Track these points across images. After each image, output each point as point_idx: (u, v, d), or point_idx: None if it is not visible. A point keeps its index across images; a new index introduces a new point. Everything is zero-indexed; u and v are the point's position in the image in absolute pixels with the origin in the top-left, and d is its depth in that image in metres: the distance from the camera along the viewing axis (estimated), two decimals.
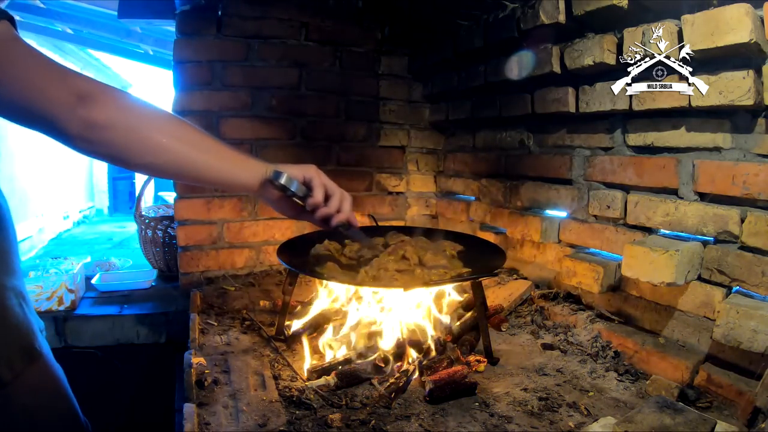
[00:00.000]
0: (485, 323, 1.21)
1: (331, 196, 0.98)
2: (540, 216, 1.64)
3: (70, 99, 0.69)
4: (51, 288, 1.69)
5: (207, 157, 0.84)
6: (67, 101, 0.69)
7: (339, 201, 0.99)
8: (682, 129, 1.17)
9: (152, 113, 0.80)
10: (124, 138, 0.75)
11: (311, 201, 0.95)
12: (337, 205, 0.98)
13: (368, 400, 1.02)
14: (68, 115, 0.69)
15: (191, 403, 0.94)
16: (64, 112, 0.69)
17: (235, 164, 0.89)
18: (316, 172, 0.96)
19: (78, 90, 0.70)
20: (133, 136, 0.76)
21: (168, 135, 0.80)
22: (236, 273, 1.93)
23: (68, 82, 0.71)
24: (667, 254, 1.06)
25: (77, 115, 0.70)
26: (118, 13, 1.87)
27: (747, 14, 0.92)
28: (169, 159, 0.80)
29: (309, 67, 1.97)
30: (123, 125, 0.74)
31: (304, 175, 0.95)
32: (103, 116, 0.71)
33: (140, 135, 0.77)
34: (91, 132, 0.71)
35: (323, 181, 0.97)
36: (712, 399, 1.00)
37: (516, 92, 1.63)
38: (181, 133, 0.81)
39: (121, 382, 1.77)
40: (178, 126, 0.82)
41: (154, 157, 0.79)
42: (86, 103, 0.70)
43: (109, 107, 0.73)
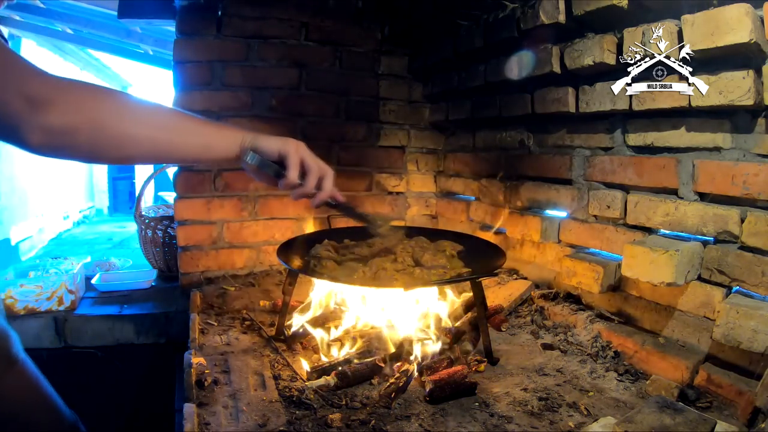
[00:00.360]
0: (485, 323, 1.21)
1: (308, 173, 0.89)
2: (540, 216, 1.64)
3: (23, 106, 0.62)
4: (51, 288, 1.69)
5: (178, 137, 0.80)
6: (20, 109, 0.62)
7: (317, 177, 0.90)
8: (682, 129, 1.17)
9: (115, 104, 0.74)
10: (90, 139, 0.69)
11: (284, 182, 0.88)
12: (314, 182, 0.89)
13: (368, 400, 1.02)
14: (25, 125, 0.63)
15: (191, 403, 0.94)
16: (20, 121, 0.63)
17: (209, 139, 0.84)
18: (294, 147, 0.87)
19: (30, 94, 0.63)
20: (100, 135, 0.70)
21: (136, 125, 0.75)
22: (236, 273, 1.93)
23: (17, 85, 0.63)
24: (667, 254, 1.06)
25: (34, 124, 0.63)
26: (118, 13, 1.87)
27: (747, 14, 0.92)
28: (143, 148, 0.76)
29: (309, 67, 1.97)
30: (86, 126, 0.68)
31: (280, 151, 0.87)
32: (61, 121, 0.65)
33: (107, 132, 0.71)
34: (53, 139, 0.65)
35: (301, 156, 0.88)
36: (712, 399, 1.00)
37: (516, 92, 1.63)
38: (149, 120, 0.77)
39: (121, 382, 1.77)
40: (145, 112, 0.77)
41: (128, 151, 0.75)
42: (41, 109, 0.63)
43: (67, 110, 0.66)
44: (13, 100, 0.62)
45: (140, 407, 1.80)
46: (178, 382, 1.39)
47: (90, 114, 0.69)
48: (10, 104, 0.62)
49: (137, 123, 0.75)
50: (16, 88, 0.63)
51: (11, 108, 0.62)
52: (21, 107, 0.62)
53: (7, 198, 3.33)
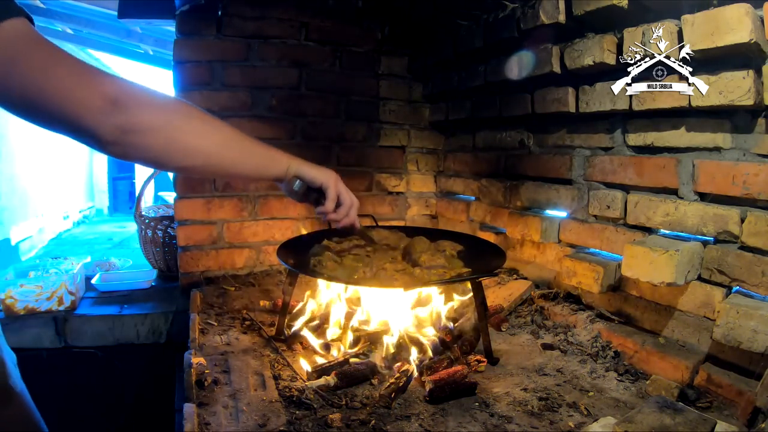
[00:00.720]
0: (485, 323, 1.21)
1: (342, 204, 1.04)
2: (540, 216, 1.64)
3: (103, 105, 0.66)
4: (51, 288, 1.69)
5: (238, 155, 0.87)
6: (100, 107, 0.66)
7: (347, 209, 1.06)
8: (682, 129, 1.17)
9: (186, 113, 0.79)
10: (161, 142, 0.73)
11: (321, 209, 1.03)
12: (345, 213, 1.06)
13: (368, 400, 1.02)
14: (101, 122, 0.66)
15: (191, 403, 0.94)
16: (97, 118, 0.66)
17: (263, 159, 0.92)
18: (334, 182, 1.02)
19: (110, 94, 0.67)
20: (173, 140, 0.75)
21: (207, 137, 0.80)
22: (236, 273, 1.93)
23: (98, 86, 0.67)
24: (667, 254, 1.06)
25: (111, 122, 0.67)
26: (118, 13, 1.87)
27: (747, 14, 0.92)
28: (209, 161, 0.81)
29: (309, 67, 1.97)
30: (162, 129, 0.73)
31: (322, 183, 1.01)
32: (138, 121, 0.69)
33: (180, 138, 0.76)
34: (127, 137, 0.69)
35: (339, 190, 1.03)
36: (712, 399, 1.00)
37: (516, 92, 1.63)
38: (214, 133, 0.82)
39: (121, 382, 1.77)
40: (211, 125, 0.82)
41: (194, 160, 0.79)
42: (120, 108, 0.67)
43: (145, 111, 0.71)
44: (92, 100, 0.65)
45: (140, 407, 1.80)
46: (178, 382, 1.39)
47: (167, 117, 0.74)
48: (90, 104, 0.65)
49: (208, 135, 0.80)
50: (95, 87, 0.66)
51: (92, 107, 0.65)
52: (100, 106, 0.65)
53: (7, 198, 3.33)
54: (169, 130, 0.74)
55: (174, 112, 0.77)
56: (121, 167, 6.11)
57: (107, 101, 0.66)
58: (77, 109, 0.65)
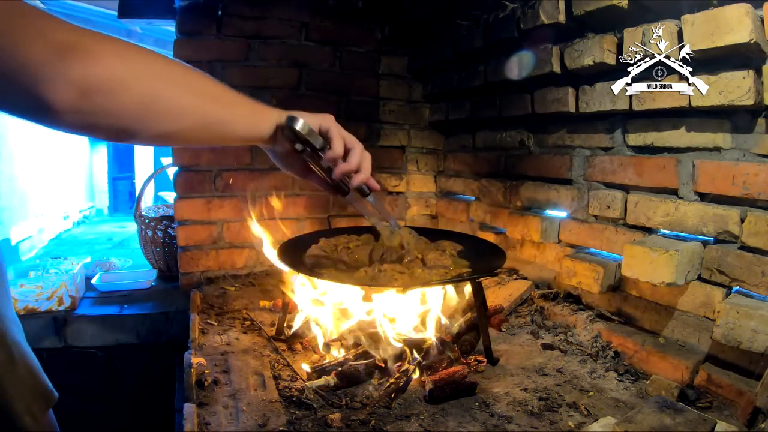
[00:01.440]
0: (485, 323, 1.21)
1: (351, 150, 0.82)
2: (540, 216, 1.64)
3: (49, 54, 0.48)
4: (51, 288, 1.69)
5: (224, 109, 0.69)
6: (46, 57, 0.48)
7: (359, 157, 0.83)
8: (682, 129, 1.17)
9: (161, 63, 0.61)
10: (136, 100, 0.55)
11: (330, 154, 0.80)
12: (357, 161, 0.83)
13: (368, 400, 1.02)
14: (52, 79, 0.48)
15: (191, 403, 0.94)
16: (44, 73, 0.48)
17: (252, 113, 0.74)
18: (333, 122, 0.82)
19: (59, 40, 0.49)
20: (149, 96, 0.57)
21: (183, 89, 0.62)
22: (236, 273, 1.93)
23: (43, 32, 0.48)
24: (667, 254, 1.06)
25: (66, 77, 0.49)
26: (118, 13, 1.87)
27: (747, 14, 0.92)
28: (195, 121, 0.64)
29: (309, 67, 1.97)
30: (134, 81, 0.55)
31: (321, 124, 0.81)
32: (104, 72, 0.51)
33: (157, 93, 0.58)
34: (90, 99, 0.51)
35: (342, 132, 0.83)
36: (712, 399, 1.00)
37: (516, 92, 1.63)
38: (195, 86, 0.64)
39: (121, 382, 1.77)
40: (191, 76, 0.65)
41: (179, 122, 0.61)
42: (77, 57, 0.49)
43: (111, 57, 0.52)
44: (36, 49, 0.47)
45: (140, 407, 1.80)
46: (178, 382, 1.39)
47: (136, 69, 0.55)
48: (33, 53, 0.47)
49: (187, 88, 0.62)
50: (41, 34, 0.48)
51: (34, 57, 0.47)
52: (48, 55, 0.47)
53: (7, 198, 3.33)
54: (142, 83, 0.56)
55: (142, 57, 0.57)
56: (121, 167, 6.11)
57: (60, 48, 0.48)
58: (16, 63, 0.47)
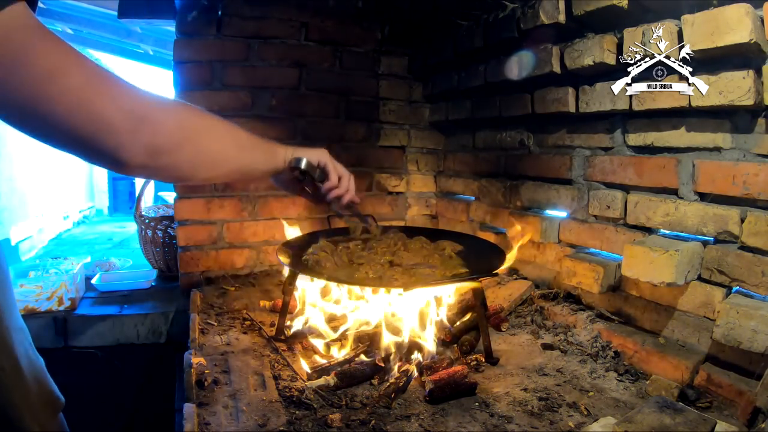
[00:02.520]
0: (485, 323, 1.21)
1: (342, 178, 1.08)
2: (540, 216, 1.64)
3: (128, 123, 0.56)
4: (51, 288, 1.69)
5: (250, 154, 0.84)
6: (125, 126, 0.56)
7: (347, 182, 1.09)
8: (682, 129, 1.17)
9: (208, 122, 0.73)
10: (189, 157, 0.68)
11: (328, 185, 1.05)
12: (346, 185, 1.09)
13: (368, 400, 1.02)
14: (128, 143, 0.57)
15: (191, 403, 0.94)
16: (123, 139, 0.56)
17: (268, 154, 0.91)
18: (328, 157, 1.05)
19: (135, 109, 0.57)
20: (199, 153, 0.70)
21: (226, 143, 0.76)
22: (236, 273, 1.93)
23: (120, 98, 0.56)
24: (667, 254, 1.06)
25: (139, 142, 0.58)
26: (118, 13, 1.87)
27: (747, 14, 0.92)
28: (230, 166, 0.78)
29: (309, 67, 1.97)
30: (188, 144, 0.67)
31: (319, 160, 1.03)
32: (166, 139, 0.62)
33: (202, 149, 0.70)
34: (157, 159, 0.61)
35: (335, 165, 1.06)
36: (712, 399, 1.00)
37: (516, 92, 1.63)
38: (232, 137, 0.78)
39: (121, 382, 1.77)
40: (223, 126, 0.77)
41: (219, 169, 0.76)
42: (145, 126, 0.58)
43: (171, 127, 0.63)
44: (114, 117, 0.55)
45: (140, 407, 1.80)
46: (178, 382, 1.39)
47: (191, 131, 0.68)
48: (111, 121, 0.55)
49: (226, 141, 0.76)
50: (116, 103, 0.56)
51: (113, 125, 0.55)
52: (123, 125, 0.56)
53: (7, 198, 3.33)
54: (195, 143, 0.68)
55: (193, 120, 0.71)
56: None
57: (133, 118, 0.57)
58: (97, 127, 0.54)
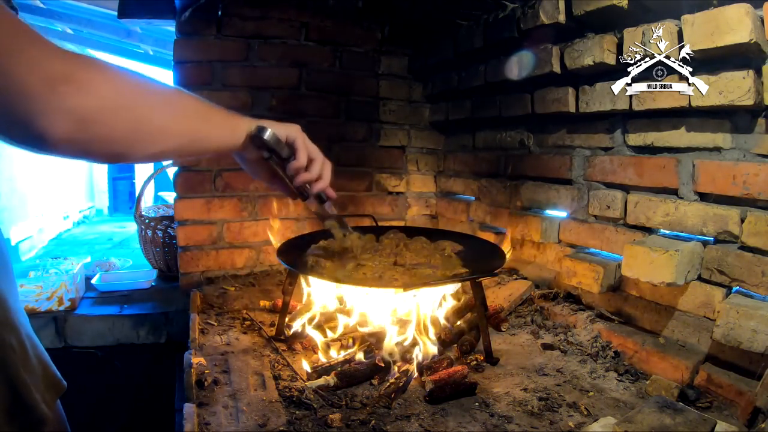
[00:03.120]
0: (485, 323, 1.21)
1: (313, 161, 0.89)
2: (540, 216, 1.64)
3: (45, 86, 0.49)
4: (51, 288, 1.69)
5: (202, 126, 0.72)
6: (42, 89, 0.49)
7: (320, 167, 0.91)
8: (682, 129, 1.17)
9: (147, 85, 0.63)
10: (126, 128, 0.57)
11: (294, 164, 0.87)
12: (318, 171, 0.90)
13: (368, 400, 1.02)
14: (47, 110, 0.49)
15: (191, 403, 0.94)
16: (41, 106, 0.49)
17: (226, 127, 0.78)
18: (300, 133, 0.88)
19: (53, 72, 0.49)
20: (136, 122, 0.59)
21: (167, 112, 0.65)
22: (236, 273, 1.93)
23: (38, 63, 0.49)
24: (667, 254, 1.06)
25: (60, 108, 0.50)
26: (118, 13, 1.87)
27: (747, 14, 0.92)
28: (178, 140, 0.67)
29: (309, 67, 1.97)
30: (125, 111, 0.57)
31: (288, 135, 0.86)
32: (96, 103, 0.53)
33: (142, 119, 0.60)
34: (83, 128, 0.52)
35: (306, 143, 0.89)
36: (712, 399, 1.00)
37: (516, 92, 1.63)
38: (177, 107, 0.68)
39: (121, 382, 1.77)
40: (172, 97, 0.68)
41: (158, 144, 0.64)
42: (69, 89, 0.50)
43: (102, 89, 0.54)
44: (30, 80, 0.48)
45: (140, 407, 1.80)
46: (178, 382, 1.39)
47: (127, 96, 0.58)
48: (27, 85, 0.48)
49: (171, 109, 0.66)
50: (34, 64, 0.48)
51: (29, 89, 0.48)
52: (42, 87, 0.48)
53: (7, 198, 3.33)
54: (132, 109, 0.58)
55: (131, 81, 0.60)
56: (121, 167, 6.10)
57: (55, 79, 0.49)
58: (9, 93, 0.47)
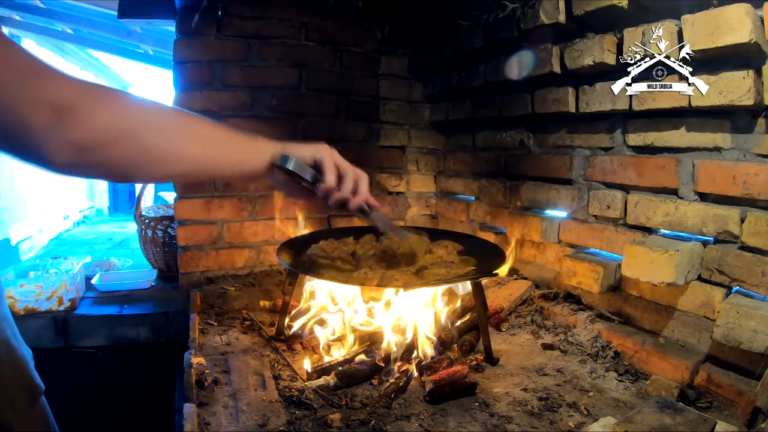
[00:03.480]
0: (485, 323, 1.21)
1: (344, 177, 0.87)
2: (540, 216, 1.64)
3: (47, 117, 0.51)
4: (51, 288, 1.69)
5: (215, 152, 0.72)
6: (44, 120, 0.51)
7: (353, 181, 0.88)
8: (682, 129, 1.17)
9: (155, 113, 0.66)
10: (127, 154, 0.60)
11: (323, 186, 0.85)
12: (351, 186, 0.87)
13: (368, 400, 1.02)
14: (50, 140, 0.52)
15: (191, 403, 0.94)
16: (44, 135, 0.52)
17: (243, 152, 0.78)
18: (327, 152, 0.85)
19: (55, 102, 0.52)
20: (138, 150, 0.61)
21: (177, 138, 0.67)
22: (236, 273, 1.93)
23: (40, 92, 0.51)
24: (667, 254, 1.06)
25: (61, 138, 0.52)
26: (118, 13, 1.87)
27: (747, 14, 0.92)
28: (183, 166, 0.68)
29: (309, 67, 1.97)
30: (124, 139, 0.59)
31: (314, 157, 0.85)
32: (95, 134, 0.55)
33: (146, 146, 0.62)
34: (83, 156, 0.55)
35: (335, 160, 0.86)
36: (712, 399, 1.00)
37: (516, 92, 1.63)
38: (189, 132, 0.69)
39: (121, 382, 1.77)
40: (181, 123, 0.69)
41: (167, 168, 0.66)
42: (69, 120, 0.53)
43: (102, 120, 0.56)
44: (33, 111, 0.50)
45: (140, 407, 1.80)
46: (178, 382, 1.39)
47: (128, 124, 0.60)
48: (30, 115, 0.50)
49: (178, 135, 0.67)
50: (36, 94, 0.51)
51: (33, 120, 0.50)
52: (45, 119, 0.51)
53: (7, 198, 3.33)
54: (133, 138, 0.60)
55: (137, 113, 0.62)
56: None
57: (56, 112, 0.52)
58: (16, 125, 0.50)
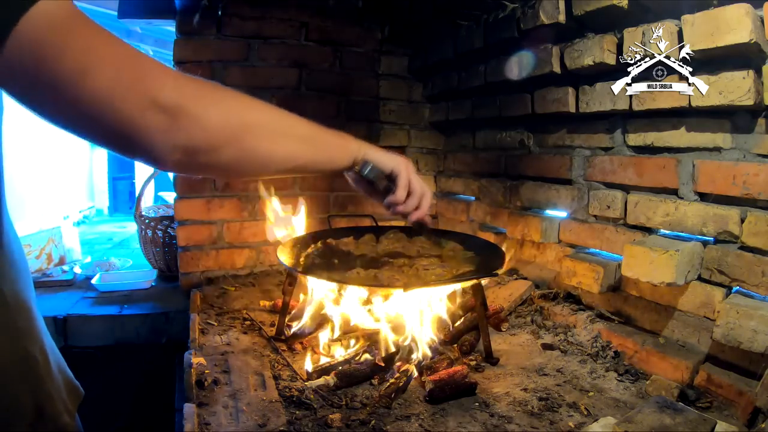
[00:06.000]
0: (485, 323, 1.21)
1: (412, 193, 0.92)
2: (540, 216, 1.64)
3: (159, 120, 0.49)
4: (39, 245, 1.59)
5: (313, 151, 0.75)
6: (156, 124, 0.49)
7: (418, 200, 0.93)
8: (682, 129, 1.17)
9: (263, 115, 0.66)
10: (235, 157, 0.59)
11: (391, 198, 0.90)
12: (414, 204, 0.93)
13: (368, 400, 1.02)
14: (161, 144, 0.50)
15: (191, 403, 0.94)
16: (155, 139, 0.50)
17: (335, 151, 0.81)
18: (405, 167, 0.91)
19: (166, 104, 0.49)
20: (246, 152, 0.61)
21: (282, 139, 0.67)
22: (236, 273, 1.93)
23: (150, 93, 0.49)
24: (667, 254, 1.06)
25: (173, 143, 0.51)
26: (118, 14, 1.87)
27: (747, 14, 0.92)
28: (284, 164, 0.70)
29: (309, 67, 1.97)
30: (233, 143, 0.58)
31: (393, 169, 0.89)
32: (206, 139, 0.54)
33: (254, 148, 0.62)
34: (194, 159, 0.54)
35: (410, 178, 0.91)
36: (712, 399, 1.00)
37: (516, 92, 1.63)
38: (289, 133, 0.70)
39: (121, 382, 1.77)
40: (284, 123, 0.70)
41: (270, 167, 0.68)
42: (181, 123, 0.51)
43: (213, 123, 0.55)
44: (144, 113, 0.48)
45: (140, 407, 1.80)
46: (178, 382, 1.39)
47: (238, 128, 0.59)
48: (140, 119, 0.48)
49: (283, 136, 0.68)
50: (146, 95, 0.48)
51: (143, 123, 0.48)
52: (156, 122, 0.49)
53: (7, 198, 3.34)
54: (240, 142, 0.59)
55: (242, 115, 0.62)
56: (121, 167, 6.10)
57: (167, 115, 0.49)
58: (127, 129, 0.48)
